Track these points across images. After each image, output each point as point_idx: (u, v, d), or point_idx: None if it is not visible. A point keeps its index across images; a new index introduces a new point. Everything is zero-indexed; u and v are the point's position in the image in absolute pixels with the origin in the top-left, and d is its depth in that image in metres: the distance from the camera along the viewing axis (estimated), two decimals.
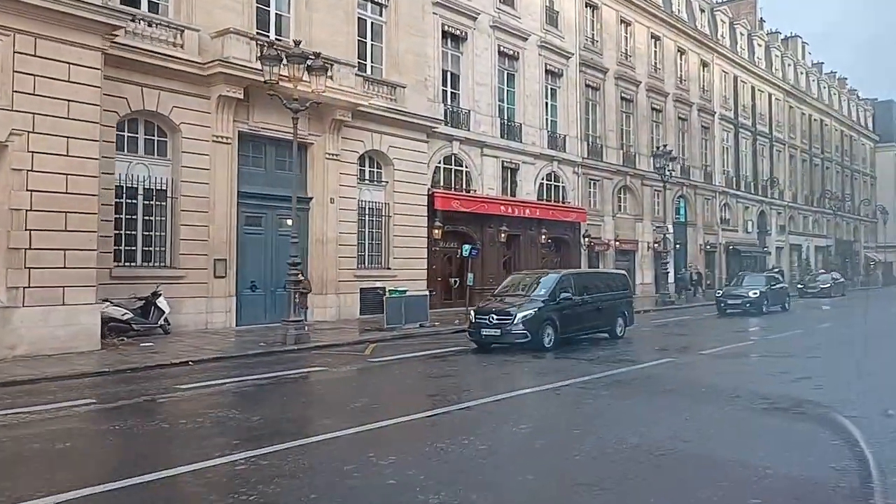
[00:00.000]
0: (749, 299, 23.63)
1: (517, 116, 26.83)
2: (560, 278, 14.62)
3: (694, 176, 38.57)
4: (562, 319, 13.72)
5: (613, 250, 31.69)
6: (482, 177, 24.98)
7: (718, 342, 14.60)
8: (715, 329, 18.55)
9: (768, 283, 25.19)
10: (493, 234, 24.94)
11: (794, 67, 53.28)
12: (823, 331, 17.42)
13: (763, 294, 24.00)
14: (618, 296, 16.06)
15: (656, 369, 10.63)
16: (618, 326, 15.66)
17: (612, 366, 10.96)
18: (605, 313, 15.20)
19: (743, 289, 24.66)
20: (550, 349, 13.10)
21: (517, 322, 13.08)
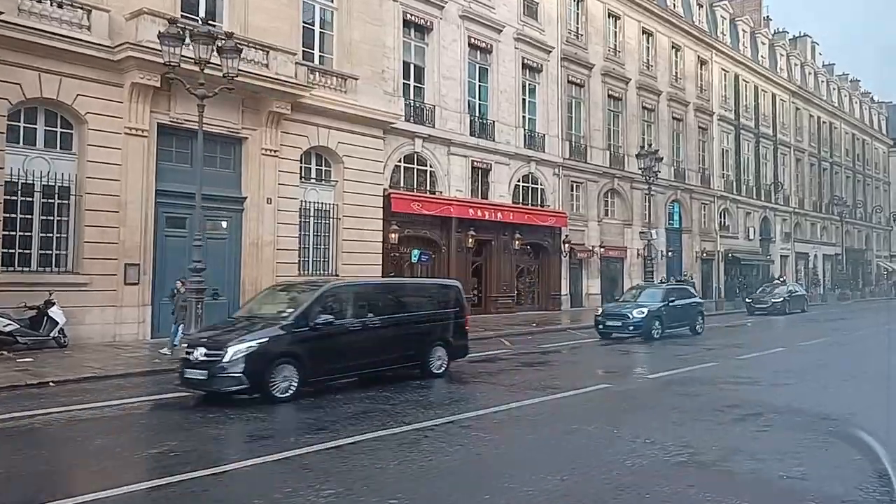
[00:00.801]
0: (633, 321, 17.31)
1: (490, 113, 25.12)
2: (321, 293, 9.82)
3: (690, 179, 36.59)
4: (314, 354, 9.17)
5: (598, 257, 29.82)
6: (449, 177, 23.27)
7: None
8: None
9: (666, 299, 18.49)
10: (460, 240, 23.21)
11: (802, 67, 51.10)
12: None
13: (653, 314, 17.49)
14: (439, 317, 11.43)
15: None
16: (433, 359, 11.04)
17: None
18: (412, 341, 10.78)
19: (629, 307, 18.20)
20: (287, 400, 8.65)
21: (229, 361, 8.64)
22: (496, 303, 24.79)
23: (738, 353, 13.78)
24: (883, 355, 13.32)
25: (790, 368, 11.73)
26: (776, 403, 8.47)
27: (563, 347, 15.59)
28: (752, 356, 13.18)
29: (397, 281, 16.02)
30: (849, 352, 14.44)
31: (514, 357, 13.55)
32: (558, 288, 27.71)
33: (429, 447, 6.34)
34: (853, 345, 15.79)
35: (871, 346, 15.39)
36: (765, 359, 12.96)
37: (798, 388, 9.94)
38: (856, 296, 47.48)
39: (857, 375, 10.94)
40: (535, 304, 27.41)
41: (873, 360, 12.71)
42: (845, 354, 13.97)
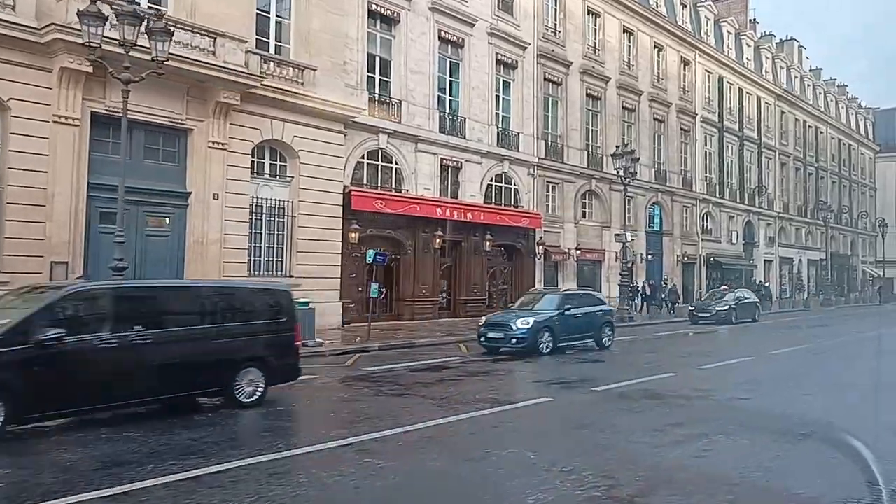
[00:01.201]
0: (515, 333, 14.62)
1: (461, 110, 24.24)
2: (54, 300, 7.48)
3: (671, 181, 35.84)
4: (35, 381, 6.99)
5: (574, 260, 28.97)
6: (416, 175, 22.35)
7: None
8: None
9: (561, 308, 15.54)
10: (427, 241, 22.28)
11: (788, 71, 50.58)
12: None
13: (540, 325, 14.77)
14: (250, 330, 8.94)
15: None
16: (242, 385, 8.64)
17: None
18: (206, 362, 8.41)
19: (512, 316, 15.50)
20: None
21: None
22: (466, 306, 23.87)
23: (624, 375, 11.09)
24: (850, 368, 12.54)
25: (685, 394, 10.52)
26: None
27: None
28: (648, 380, 10.48)
29: (184, 284, 11.97)
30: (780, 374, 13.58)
31: (463, 365, 12.62)
32: None
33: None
34: (791, 365, 13.12)
35: (814, 363, 14.01)
36: (660, 382, 10.63)
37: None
38: (840, 302, 46.89)
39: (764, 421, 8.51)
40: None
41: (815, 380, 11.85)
42: (772, 381, 13.13)
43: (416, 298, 22.01)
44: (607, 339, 16.16)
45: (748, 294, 28.71)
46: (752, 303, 27.79)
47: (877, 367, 11.43)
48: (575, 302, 16.28)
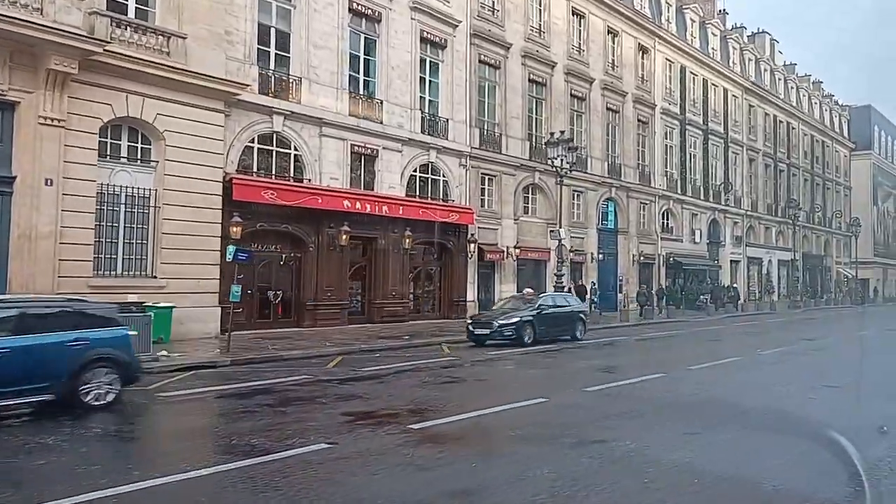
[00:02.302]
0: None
1: (378, 92, 21.81)
2: None
3: (627, 176, 33.63)
4: None
5: (514, 259, 26.61)
6: (320, 163, 19.89)
7: None
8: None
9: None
10: (333, 236, 19.83)
11: (757, 63, 48.62)
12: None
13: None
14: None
15: None
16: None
17: None
18: None
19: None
20: None
21: None
22: (382, 311, 21.42)
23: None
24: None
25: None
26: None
27: (402, 369, 12.25)
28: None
29: None
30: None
31: (299, 387, 10.16)
32: (463, 293, 24.44)
33: None
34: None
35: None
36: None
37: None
38: (810, 304, 44.97)
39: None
40: (435, 312, 24.12)
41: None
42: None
43: (319, 302, 19.54)
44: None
45: (565, 300, 19.60)
46: (570, 314, 18.71)
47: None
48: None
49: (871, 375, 11.41)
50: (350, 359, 13.67)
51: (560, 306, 18.70)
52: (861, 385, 10.20)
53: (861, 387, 10.06)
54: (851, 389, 9.94)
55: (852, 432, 6.00)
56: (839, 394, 9.86)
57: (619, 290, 33.09)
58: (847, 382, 10.69)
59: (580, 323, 18.84)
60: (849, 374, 11.47)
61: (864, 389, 9.92)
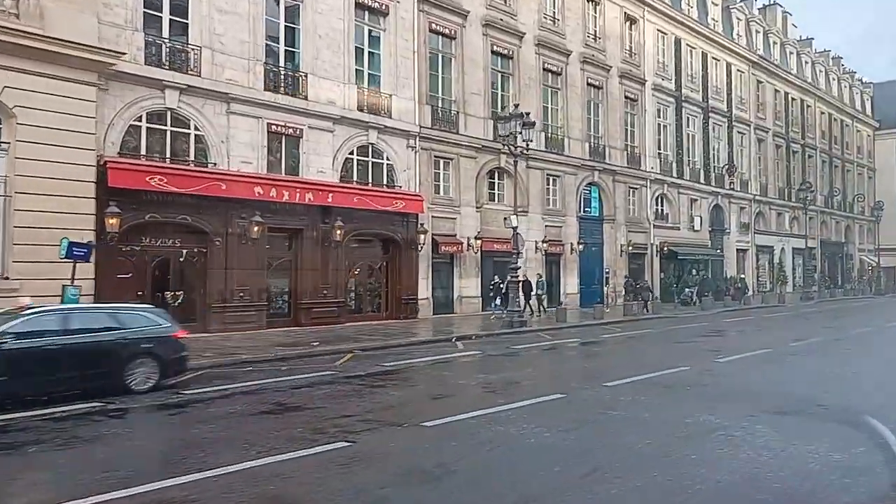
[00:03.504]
0: None
1: (303, 64, 19.31)
2: None
3: (612, 158, 30.67)
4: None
5: (476, 252, 23.93)
6: (228, 145, 17.47)
7: None
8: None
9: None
10: (245, 228, 17.41)
11: (765, 36, 45.06)
12: None
13: None
14: None
15: None
16: None
17: None
18: None
19: None
20: None
21: None
22: (311, 312, 18.94)
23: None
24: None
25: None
26: None
27: (259, 389, 9.78)
28: None
29: None
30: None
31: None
32: (414, 291, 21.86)
33: None
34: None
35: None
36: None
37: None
38: (825, 295, 41.41)
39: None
40: (382, 313, 21.59)
41: None
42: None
43: (228, 304, 17.14)
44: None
45: (112, 318, 9.93)
46: (110, 347, 9.52)
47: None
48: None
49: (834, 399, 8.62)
50: (240, 373, 11.19)
51: (77, 332, 9.25)
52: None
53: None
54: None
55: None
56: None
57: (606, 283, 30.27)
58: (800, 407, 7.94)
59: (146, 363, 9.66)
60: (805, 401, 8.66)
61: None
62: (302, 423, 7.28)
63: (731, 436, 6.52)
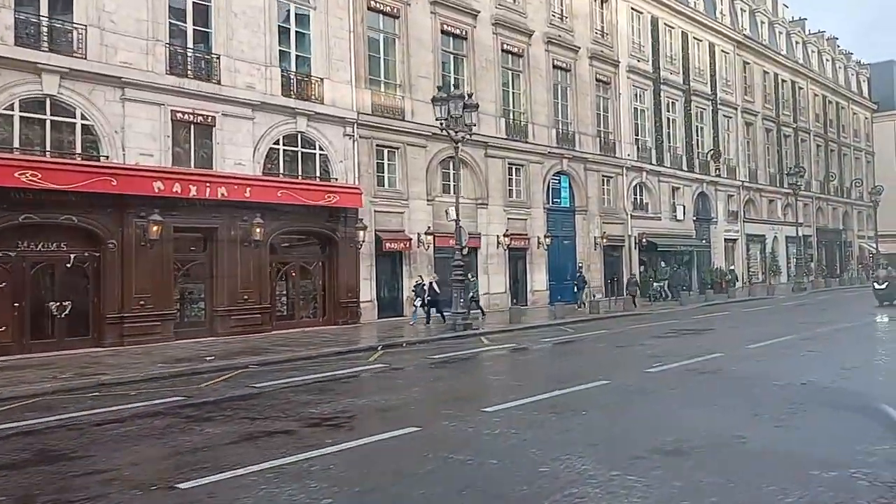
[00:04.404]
0: None
1: (216, 45, 17.38)
2: None
3: (584, 145, 28.65)
4: None
5: (428, 248, 21.98)
6: (124, 135, 15.56)
7: None
8: None
9: None
10: (144, 228, 15.52)
11: (752, 15, 42.93)
12: None
13: None
14: None
15: None
16: None
17: None
18: None
19: None
20: None
21: None
22: (229, 320, 17.03)
23: None
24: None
25: None
26: None
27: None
28: None
29: None
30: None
31: None
32: (355, 293, 19.93)
33: None
34: None
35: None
36: None
37: None
38: (820, 285, 39.25)
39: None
40: (318, 318, 19.66)
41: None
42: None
43: (126, 314, 15.25)
44: None
45: None
46: None
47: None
48: None
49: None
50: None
51: None
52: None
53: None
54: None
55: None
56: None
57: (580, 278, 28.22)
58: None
59: None
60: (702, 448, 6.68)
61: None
62: (41, 482, 5.40)
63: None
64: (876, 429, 6.35)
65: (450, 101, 17.65)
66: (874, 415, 6.84)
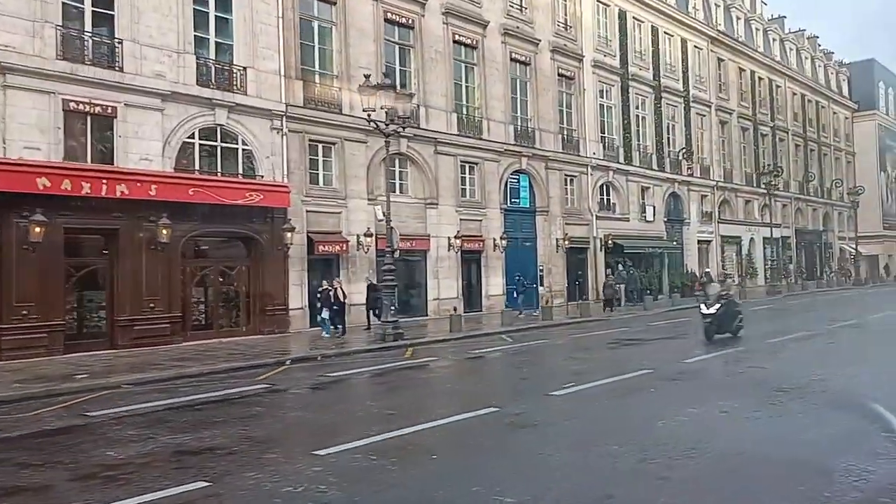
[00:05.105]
0: None
1: (119, 29, 15.80)
2: None
3: (544, 143, 27.22)
4: None
5: (367, 251, 20.44)
6: (5, 126, 13.94)
7: None
8: None
9: None
10: (26, 229, 13.92)
11: (726, 10, 41.72)
12: None
13: None
14: None
15: None
16: None
17: None
18: None
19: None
20: None
21: None
22: (132, 330, 15.42)
23: None
24: None
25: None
26: None
27: None
28: None
29: None
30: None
31: None
32: (283, 299, 18.38)
33: None
34: None
35: None
36: None
37: None
38: (796, 287, 38.04)
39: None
40: (241, 327, 18.06)
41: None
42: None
43: (6, 325, 13.64)
44: None
45: None
46: None
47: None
48: None
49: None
50: None
51: None
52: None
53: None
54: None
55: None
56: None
57: (541, 283, 26.81)
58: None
59: None
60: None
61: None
62: None
63: None
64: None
65: (379, 89, 16.17)
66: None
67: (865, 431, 6.45)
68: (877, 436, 6.24)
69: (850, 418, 7.08)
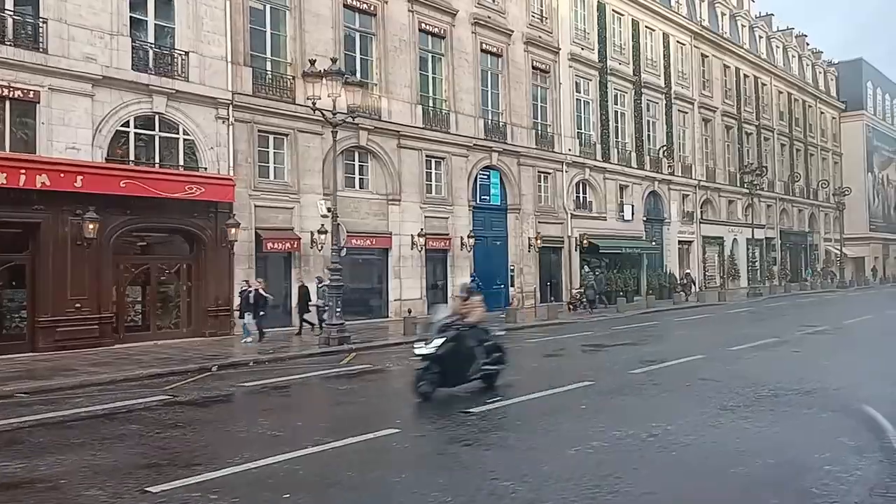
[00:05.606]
0: None
1: (43, 8, 14.63)
2: None
3: (517, 138, 26.22)
4: None
5: (322, 249, 19.35)
6: None
7: None
8: None
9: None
10: None
11: (711, 6, 40.83)
12: None
13: None
14: None
15: None
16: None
17: None
18: None
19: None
20: None
21: None
22: (55, 332, 14.34)
23: None
24: None
25: None
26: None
27: None
28: None
29: None
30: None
31: None
32: (227, 300, 17.29)
33: None
34: None
35: None
36: None
37: None
38: (777, 290, 37.22)
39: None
40: (181, 329, 16.98)
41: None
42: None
43: None
44: None
45: None
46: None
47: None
48: None
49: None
50: None
51: None
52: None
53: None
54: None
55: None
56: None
57: (511, 284, 25.84)
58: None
59: None
60: None
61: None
62: None
63: None
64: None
65: (324, 77, 15.11)
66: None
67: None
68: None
69: (798, 434, 6.10)
